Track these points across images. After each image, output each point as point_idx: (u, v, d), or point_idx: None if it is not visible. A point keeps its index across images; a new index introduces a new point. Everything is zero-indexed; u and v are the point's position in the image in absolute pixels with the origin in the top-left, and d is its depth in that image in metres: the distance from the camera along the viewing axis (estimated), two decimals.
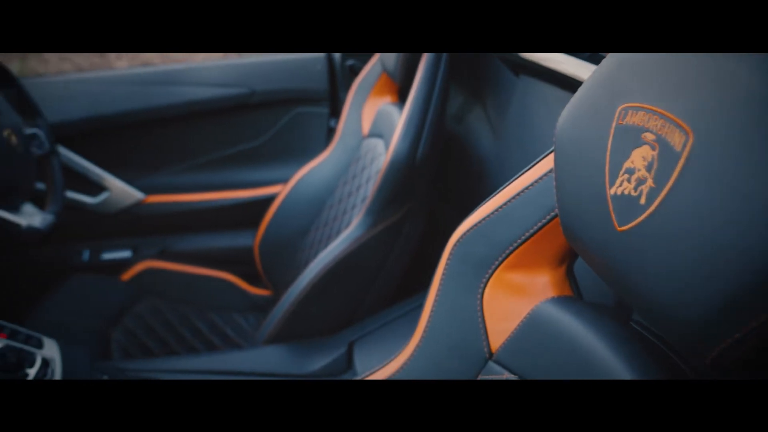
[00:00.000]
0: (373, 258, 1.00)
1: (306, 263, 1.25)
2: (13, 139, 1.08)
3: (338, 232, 1.16)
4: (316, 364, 0.98)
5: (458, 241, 0.55)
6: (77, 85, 1.44)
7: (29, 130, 1.19)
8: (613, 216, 0.36)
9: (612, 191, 0.36)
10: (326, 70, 1.49)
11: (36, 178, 1.17)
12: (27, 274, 1.53)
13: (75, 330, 1.18)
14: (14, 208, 1.10)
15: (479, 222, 0.53)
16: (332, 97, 1.52)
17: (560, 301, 0.47)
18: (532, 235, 0.48)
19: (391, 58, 1.08)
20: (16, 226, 1.06)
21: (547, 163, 0.48)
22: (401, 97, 1.30)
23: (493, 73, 1.06)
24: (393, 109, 1.12)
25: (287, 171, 1.52)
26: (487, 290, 0.52)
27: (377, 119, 1.21)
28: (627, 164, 0.36)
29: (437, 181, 1.14)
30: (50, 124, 1.26)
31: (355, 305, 1.03)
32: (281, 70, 1.49)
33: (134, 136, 1.49)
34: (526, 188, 0.49)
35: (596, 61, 0.67)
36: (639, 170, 0.35)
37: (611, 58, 0.40)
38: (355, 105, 1.31)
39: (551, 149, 0.48)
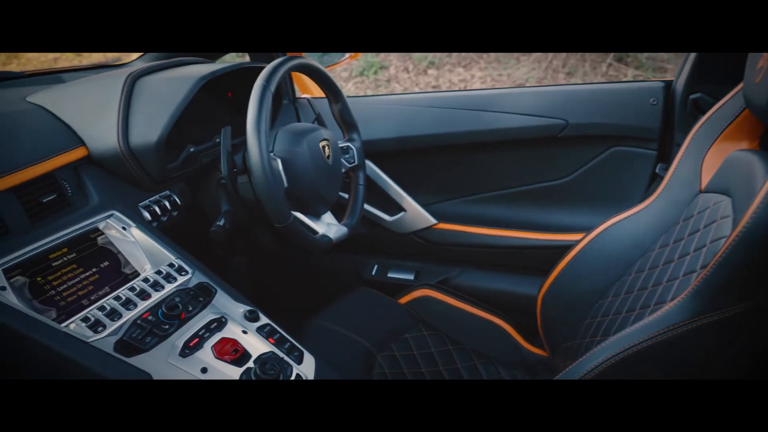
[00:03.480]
0: (690, 359, 0.73)
1: (596, 335, 1.02)
2: (327, 150, 1.13)
3: (645, 308, 0.91)
4: None
5: None
6: (392, 106, 1.48)
7: (342, 143, 1.25)
8: None
9: None
10: (662, 104, 1.23)
11: (340, 190, 1.22)
12: (322, 277, 1.65)
13: (347, 344, 1.19)
14: (316, 216, 1.16)
15: None
16: (663, 137, 1.25)
17: None
18: None
19: (763, 91, 0.79)
20: (314, 233, 1.11)
21: None
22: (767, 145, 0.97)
23: None
24: (752, 159, 0.82)
25: (592, 218, 1.31)
26: None
27: (724, 170, 0.91)
28: None
29: None
30: (363, 140, 1.31)
31: None
32: (603, 101, 1.28)
33: (436, 160, 1.47)
34: None
35: None
36: None
37: None
38: (695, 149, 1.03)
39: None
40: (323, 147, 1.12)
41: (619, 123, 1.27)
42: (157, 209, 1.06)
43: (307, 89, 1.71)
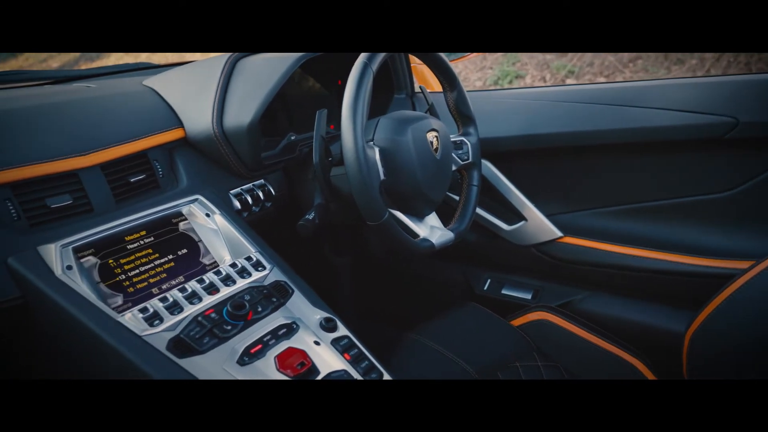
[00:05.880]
0: None
1: None
2: (435, 143, 0.99)
3: None
4: None
5: None
6: (517, 100, 1.31)
7: (456, 137, 1.11)
8: None
9: None
10: None
11: (448, 189, 1.08)
12: (426, 288, 1.51)
13: (444, 365, 1.04)
14: (418, 216, 1.02)
15: None
16: None
17: None
18: None
19: None
20: (414, 235, 0.98)
21: None
22: None
23: None
24: None
25: (763, 243, 1.05)
26: None
27: None
28: None
29: None
30: (481, 138, 1.15)
31: None
32: None
33: (567, 164, 1.27)
34: None
35: None
36: None
37: None
38: None
39: None
40: (432, 139, 0.99)
41: None
42: (249, 198, 0.99)
43: (428, 84, 1.59)
